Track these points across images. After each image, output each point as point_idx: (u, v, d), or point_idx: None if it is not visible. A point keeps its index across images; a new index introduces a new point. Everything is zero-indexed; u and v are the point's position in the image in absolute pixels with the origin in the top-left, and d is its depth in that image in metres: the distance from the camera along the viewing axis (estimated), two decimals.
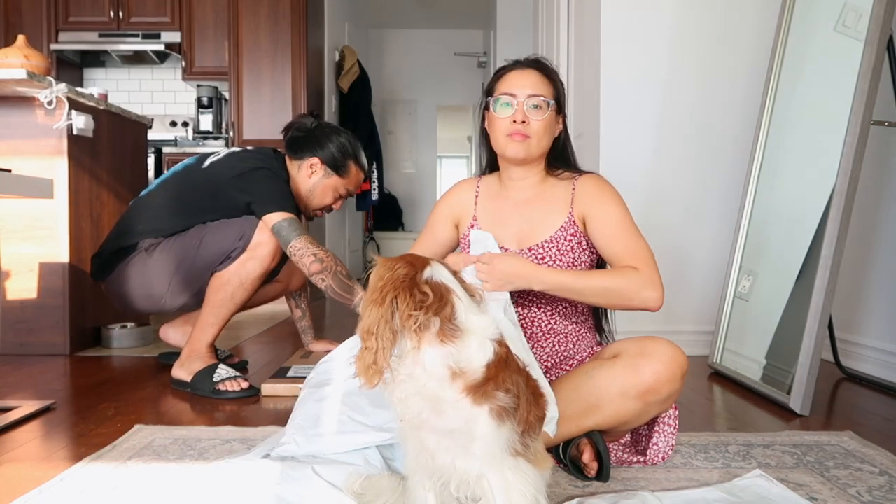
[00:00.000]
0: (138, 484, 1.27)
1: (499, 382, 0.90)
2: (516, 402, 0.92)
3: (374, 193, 5.70)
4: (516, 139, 1.41)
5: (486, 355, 0.90)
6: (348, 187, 2.22)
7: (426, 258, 0.95)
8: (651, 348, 1.29)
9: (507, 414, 0.90)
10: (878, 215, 2.34)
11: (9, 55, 2.52)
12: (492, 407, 0.89)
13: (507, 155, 1.44)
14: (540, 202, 1.48)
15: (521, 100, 1.40)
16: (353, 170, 2.20)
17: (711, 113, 2.66)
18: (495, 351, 0.92)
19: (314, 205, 2.21)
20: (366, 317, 0.88)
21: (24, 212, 2.61)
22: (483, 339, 0.91)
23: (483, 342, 0.91)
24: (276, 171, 2.11)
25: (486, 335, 0.92)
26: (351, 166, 2.19)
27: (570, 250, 1.43)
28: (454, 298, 0.91)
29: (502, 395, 0.90)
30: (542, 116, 1.41)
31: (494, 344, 0.92)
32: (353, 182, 2.22)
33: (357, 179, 2.23)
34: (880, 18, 1.86)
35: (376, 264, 0.93)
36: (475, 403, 0.89)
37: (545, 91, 1.42)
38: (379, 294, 0.88)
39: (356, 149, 2.21)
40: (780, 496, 1.20)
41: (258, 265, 2.01)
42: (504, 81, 1.44)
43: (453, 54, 7.38)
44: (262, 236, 2.00)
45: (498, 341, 0.93)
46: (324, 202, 2.21)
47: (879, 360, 2.27)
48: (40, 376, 2.24)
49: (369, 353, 0.87)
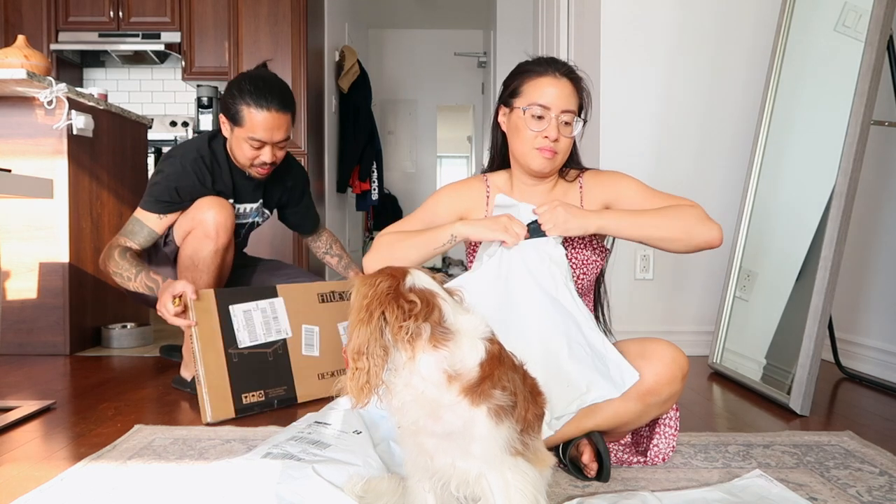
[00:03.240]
0: (138, 484, 1.27)
1: (495, 380, 0.90)
2: (514, 399, 0.92)
3: (374, 193, 5.70)
4: (545, 155, 1.38)
5: (479, 354, 0.90)
6: (253, 134, 1.88)
7: (403, 267, 0.94)
8: (651, 349, 1.29)
9: (505, 413, 0.90)
10: (878, 215, 2.34)
11: (9, 55, 2.52)
12: (489, 407, 0.89)
13: (532, 167, 1.41)
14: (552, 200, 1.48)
15: (555, 115, 1.36)
16: (248, 113, 1.86)
17: (711, 113, 2.67)
18: (487, 349, 0.91)
19: (241, 163, 1.98)
20: (354, 338, 0.87)
21: (24, 212, 2.61)
22: (474, 339, 0.91)
23: (474, 342, 0.91)
24: (174, 160, 1.95)
25: (476, 334, 0.91)
26: (243, 110, 1.86)
27: (582, 248, 1.44)
28: (440, 301, 0.90)
29: (499, 393, 0.90)
30: (571, 133, 1.40)
31: (486, 342, 0.92)
32: (258, 128, 1.87)
33: (264, 122, 1.87)
34: (880, 18, 1.86)
35: (355, 285, 0.91)
36: (473, 404, 0.88)
37: (575, 104, 1.39)
38: (365, 312, 0.87)
39: (249, 90, 1.87)
40: (779, 496, 1.20)
41: (198, 245, 1.90)
42: (535, 87, 1.38)
43: (453, 54, 7.39)
44: (182, 221, 1.95)
45: (489, 339, 0.93)
46: (245, 157, 1.94)
47: (879, 360, 2.27)
48: (40, 376, 2.24)
49: (361, 373, 0.86)
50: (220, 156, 2.00)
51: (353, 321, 0.88)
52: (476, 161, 7.92)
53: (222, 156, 2.01)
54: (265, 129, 1.88)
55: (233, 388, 1.75)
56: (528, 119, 1.38)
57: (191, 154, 1.96)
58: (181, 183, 1.93)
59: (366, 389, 0.86)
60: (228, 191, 2.01)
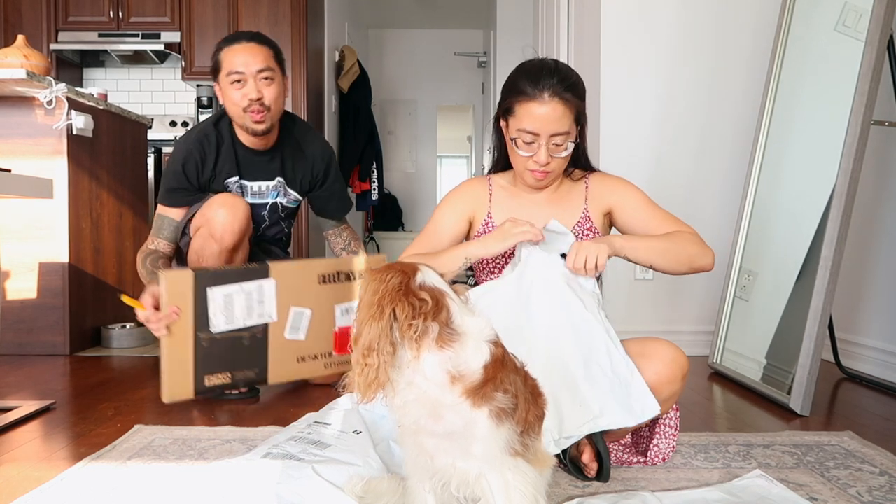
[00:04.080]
0: (138, 484, 1.27)
1: (497, 383, 0.90)
2: (514, 401, 0.92)
3: (373, 193, 5.70)
4: (537, 176, 1.42)
5: (484, 357, 0.90)
6: (230, 69, 1.91)
7: (414, 263, 0.93)
8: (652, 349, 1.29)
9: (505, 414, 0.90)
10: (878, 215, 2.34)
11: (9, 55, 2.52)
12: (491, 408, 0.89)
13: (527, 184, 1.46)
14: (555, 202, 1.50)
15: (544, 141, 1.36)
16: (223, 53, 1.93)
17: (711, 113, 2.67)
18: (492, 352, 0.91)
19: (234, 115, 1.97)
20: (365, 333, 0.85)
21: (24, 212, 2.61)
22: (479, 341, 0.90)
23: (479, 344, 0.90)
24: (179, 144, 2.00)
25: (481, 337, 0.91)
26: (219, 55, 1.94)
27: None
28: (449, 301, 0.90)
29: (501, 395, 0.90)
30: (563, 154, 1.40)
31: (490, 345, 0.92)
32: (233, 61, 1.91)
33: (236, 54, 1.92)
34: (880, 18, 1.86)
35: (365, 279, 0.91)
36: (474, 406, 0.88)
37: (568, 122, 1.37)
38: (377, 308, 0.86)
39: (224, 39, 1.96)
40: (780, 496, 1.20)
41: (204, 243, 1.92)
42: (525, 112, 1.37)
43: (453, 54, 7.38)
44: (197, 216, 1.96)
45: (494, 342, 0.93)
46: (235, 104, 1.94)
47: (879, 360, 2.27)
48: (40, 376, 2.24)
49: (371, 369, 0.85)
50: (226, 134, 2.02)
51: (363, 317, 0.87)
52: (476, 161, 7.92)
53: (227, 134, 2.02)
54: (240, 59, 1.91)
55: (196, 370, 1.67)
56: (520, 142, 1.39)
57: (194, 135, 2.01)
58: (187, 163, 1.95)
59: (374, 386, 0.86)
60: (233, 167, 2.02)
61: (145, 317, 1.63)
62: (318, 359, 1.84)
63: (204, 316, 1.66)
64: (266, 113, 1.94)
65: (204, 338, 1.67)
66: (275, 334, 1.76)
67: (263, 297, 1.75)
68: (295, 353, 1.81)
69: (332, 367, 1.85)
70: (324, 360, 1.84)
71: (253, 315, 1.73)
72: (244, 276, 1.73)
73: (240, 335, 1.72)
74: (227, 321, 1.70)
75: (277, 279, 1.75)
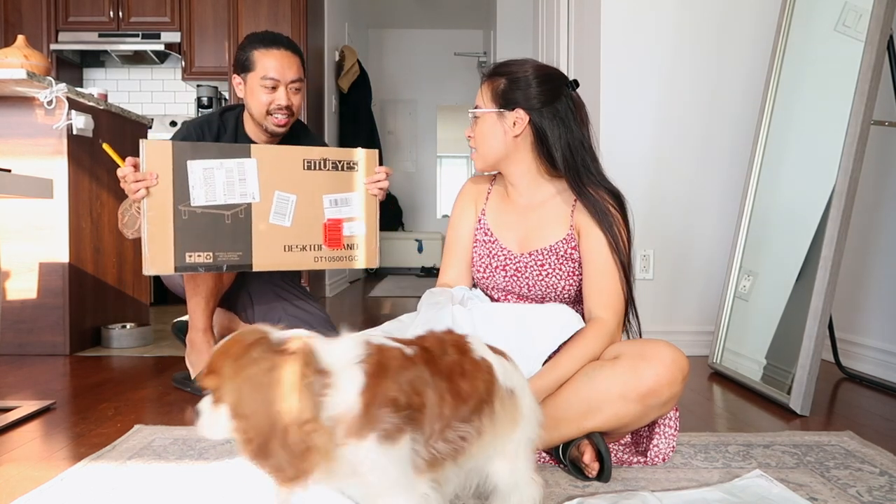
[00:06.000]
0: (138, 484, 1.27)
1: (379, 400, 0.81)
2: (418, 400, 0.84)
3: None
4: (473, 157, 1.53)
5: (358, 383, 0.81)
6: (265, 73, 1.94)
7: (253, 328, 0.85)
8: (652, 351, 1.29)
9: (399, 430, 0.81)
10: (878, 215, 2.34)
11: (9, 55, 2.52)
12: (378, 433, 0.80)
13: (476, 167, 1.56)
14: (541, 209, 1.49)
15: (470, 117, 1.50)
16: (259, 55, 1.95)
17: (711, 113, 2.66)
18: (365, 371, 0.82)
19: (256, 114, 1.99)
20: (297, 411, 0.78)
21: (24, 212, 2.61)
22: (350, 369, 0.82)
23: (350, 373, 0.82)
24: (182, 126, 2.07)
25: (351, 361, 0.83)
26: (254, 55, 1.95)
27: (567, 260, 1.44)
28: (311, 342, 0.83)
29: (387, 412, 0.81)
30: (477, 127, 1.48)
31: (362, 365, 0.83)
32: (270, 67, 1.94)
33: (274, 60, 1.95)
34: (880, 18, 1.86)
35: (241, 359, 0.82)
36: (359, 438, 0.80)
37: (481, 100, 1.47)
38: (298, 376, 0.79)
39: (259, 38, 1.98)
40: (780, 496, 1.20)
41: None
42: None
43: (453, 54, 7.39)
44: None
45: (366, 355, 0.84)
46: (261, 104, 1.96)
47: (879, 360, 2.27)
48: (40, 376, 2.24)
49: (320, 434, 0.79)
50: (230, 125, 2.06)
51: (286, 393, 0.79)
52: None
53: (231, 124, 2.06)
54: (276, 67, 1.94)
55: (176, 244, 1.68)
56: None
57: (197, 120, 2.06)
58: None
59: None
60: None
61: (123, 174, 1.66)
62: (306, 251, 1.83)
63: (184, 188, 1.69)
64: (290, 119, 2.01)
65: (183, 209, 1.70)
66: (258, 217, 1.77)
67: (245, 175, 1.76)
68: (281, 241, 1.80)
69: (322, 262, 1.84)
70: (313, 254, 1.83)
71: (234, 193, 1.74)
72: (225, 152, 1.76)
73: (221, 213, 1.74)
74: (208, 196, 1.72)
75: (259, 159, 1.77)
